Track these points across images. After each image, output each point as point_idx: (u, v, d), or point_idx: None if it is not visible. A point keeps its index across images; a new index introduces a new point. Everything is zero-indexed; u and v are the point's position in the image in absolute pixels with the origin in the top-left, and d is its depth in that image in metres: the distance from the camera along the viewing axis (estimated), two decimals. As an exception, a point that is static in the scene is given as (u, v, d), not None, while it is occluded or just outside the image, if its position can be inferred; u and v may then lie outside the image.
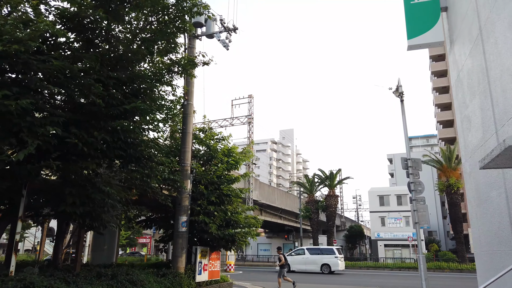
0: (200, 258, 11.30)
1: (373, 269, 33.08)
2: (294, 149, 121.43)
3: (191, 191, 11.43)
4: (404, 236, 49.73)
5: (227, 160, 12.25)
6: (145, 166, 8.58)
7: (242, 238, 11.69)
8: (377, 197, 55.03)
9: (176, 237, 10.90)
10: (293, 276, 20.64)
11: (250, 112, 43.69)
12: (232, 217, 11.43)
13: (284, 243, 63.54)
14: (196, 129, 12.97)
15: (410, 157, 10.62)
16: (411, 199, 10.27)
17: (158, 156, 10.05)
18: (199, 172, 11.71)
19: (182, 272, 10.57)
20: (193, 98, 11.95)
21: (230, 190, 11.65)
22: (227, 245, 11.55)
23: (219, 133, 13.19)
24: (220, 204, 11.71)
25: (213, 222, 10.87)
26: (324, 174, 40.23)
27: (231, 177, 12.14)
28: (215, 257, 12.34)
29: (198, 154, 12.66)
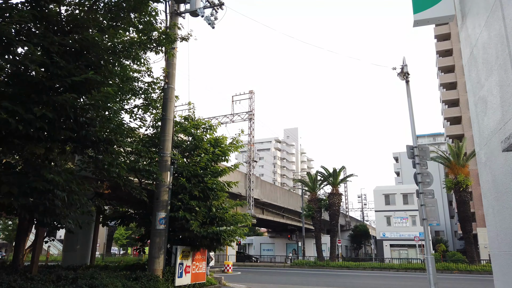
0: (181, 259, 10.11)
1: (378, 270, 31.74)
2: (298, 148, 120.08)
3: (171, 185, 10.24)
4: (410, 236, 48.35)
5: (213, 150, 11.06)
6: (105, 152, 7.41)
7: (229, 237, 10.48)
8: (382, 196, 53.65)
9: (153, 235, 9.73)
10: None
11: (251, 108, 42.48)
12: (217, 214, 10.23)
13: (287, 243, 62.35)
14: (181, 117, 11.79)
15: (416, 145, 9.35)
16: (418, 192, 9.00)
17: (125, 142, 8.89)
18: (181, 164, 10.53)
19: (159, 275, 9.40)
20: (174, 81, 10.76)
21: (215, 184, 10.44)
22: (212, 244, 10.34)
23: (207, 121, 12.00)
24: (204, 199, 10.52)
25: (195, 219, 9.68)
26: (327, 172, 38.87)
27: (217, 169, 10.93)
28: (200, 258, 11.14)
29: (181, 144, 11.47)
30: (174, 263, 9.86)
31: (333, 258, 36.82)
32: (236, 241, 10.94)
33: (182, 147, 11.41)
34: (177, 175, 10.42)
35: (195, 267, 10.78)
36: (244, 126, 52.80)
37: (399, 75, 10.35)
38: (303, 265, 34.26)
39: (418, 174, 9.11)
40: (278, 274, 26.34)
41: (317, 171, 40.34)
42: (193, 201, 9.94)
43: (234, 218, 10.74)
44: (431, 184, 9.13)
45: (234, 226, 10.33)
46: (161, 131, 10.42)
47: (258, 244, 66.48)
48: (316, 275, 25.96)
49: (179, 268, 9.90)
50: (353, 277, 24.00)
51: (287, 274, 26.25)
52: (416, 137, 40.95)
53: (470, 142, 47.66)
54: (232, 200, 11.35)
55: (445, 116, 58.97)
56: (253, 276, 24.56)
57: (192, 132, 11.38)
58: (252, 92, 43.11)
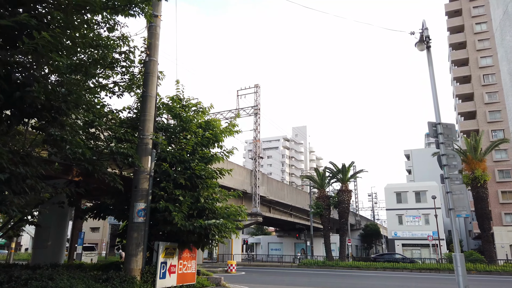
0: (165, 257, 8.73)
1: (391, 270, 30.07)
2: (307, 146, 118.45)
3: (153, 171, 8.87)
4: (423, 235, 46.60)
5: (203, 133, 9.66)
6: (54, 123, 6.04)
7: (220, 232, 9.08)
8: (394, 194, 51.88)
9: (130, 229, 8.37)
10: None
11: (256, 102, 40.99)
12: (206, 205, 8.82)
13: (295, 242, 60.77)
14: (169, 98, 10.40)
15: (440, 121, 7.82)
16: (443, 178, 7.48)
17: (100, 122, 7.56)
18: (165, 148, 9.15)
19: (137, 276, 8.04)
20: (157, 53, 9.39)
21: (204, 171, 9.04)
22: (200, 240, 8.93)
23: (198, 103, 10.60)
24: (192, 188, 9.13)
25: (179, 211, 8.29)
26: (336, 168, 37.22)
27: (207, 154, 9.53)
28: (188, 256, 9.75)
29: (166, 128, 10.09)
30: (156, 262, 8.49)
31: (342, 257, 35.22)
32: (229, 237, 9.50)
33: (167, 131, 10.04)
34: (160, 161, 9.04)
35: (182, 267, 9.39)
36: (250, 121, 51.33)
37: (418, 45, 8.82)
38: (311, 265, 32.75)
39: (443, 155, 7.59)
40: (284, 274, 24.89)
41: (326, 167, 38.74)
42: (178, 190, 8.54)
43: (227, 211, 9.32)
44: (458, 168, 7.61)
45: (225, 220, 8.89)
46: (141, 109, 9.05)
47: (266, 244, 65.03)
48: (324, 275, 24.44)
49: (161, 268, 8.52)
50: (364, 278, 22.43)
51: (294, 274, 24.79)
52: (427, 134, 39.49)
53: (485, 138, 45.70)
54: (225, 190, 9.91)
55: (459, 111, 56.96)
56: (257, 276, 23.15)
57: (179, 114, 9.99)
58: (258, 86, 41.65)
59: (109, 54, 7.58)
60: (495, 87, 54.27)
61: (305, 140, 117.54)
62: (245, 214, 9.65)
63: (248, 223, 38.78)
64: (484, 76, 55.52)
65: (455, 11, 60.72)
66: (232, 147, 10.43)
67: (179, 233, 8.55)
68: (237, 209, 9.46)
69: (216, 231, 8.91)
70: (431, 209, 46.06)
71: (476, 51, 56.70)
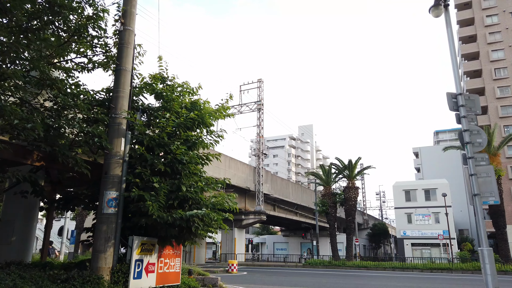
0: (140, 254, 7.57)
1: (400, 270, 28.69)
2: (313, 145, 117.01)
3: (128, 156, 7.72)
4: (433, 234, 45.09)
5: (187, 114, 8.49)
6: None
7: (205, 225, 7.89)
8: (402, 192, 50.36)
9: (99, 222, 7.24)
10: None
11: (259, 98, 39.84)
12: (189, 194, 7.63)
13: (301, 242, 59.50)
14: (151, 77, 9.25)
15: (461, 91, 6.55)
16: (466, 158, 6.23)
17: (66, 100, 6.44)
18: (143, 130, 7.99)
19: (105, 275, 6.90)
20: (134, 22, 8.24)
21: (186, 155, 7.86)
22: (181, 234, 7.74)
23: (184, 83, 9.44)
24: (173, 175, 7.96)
25: (155, 200, 7.13)
26: (342, 164, 35.81)
27: (191, 137, 8.36)
28: (171, 254, 8.58)
29: (146, 108, 8.93)
30: (130, 259, 7.33)
31: (349, 257, 33.85)
32: (215, 232, 8.29)
33: (147, 112, 8.88)
34: (138, 144, 7.88)
35: (163, 265, 8.22)
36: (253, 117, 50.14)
37: (432, 9, 7.58)
38: (316, 265, 31.46)
39: (465, 131, 6.33)
40: (288, 275, 23.66)
41: (331, 163, 37.36)
42: (155, 177, 7.38)
43: (214, 201, 8.13)
44: (483, 146, 6.36)
45: (212, 211, 7.67)
46: (114, 85, 7.91)
47: (272, 243, 63.85)
48: (329, 275, 23.18)
49: (136, 266, 7.35)
50: (372, 278, 21.13)
51: (298, 275, 23.55)
52: (436, 132, 37.83)
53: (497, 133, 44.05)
54: (212, 177, 8.71)
55: (470, 106, 55.22)
56: (259, 276, 21.95)
57: (161, 93, 8.82)
58: (261, 81, 40.48)
59: (67, 15, 6.44)
60: (507, 81, 52.58)
61: (311, 139, 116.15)
62: (234, 204, 8.45)
63: (251, 222, 37.62)
64: (495, 70, 53.80)
65: (465, 3, 59.01)
66: (220, 129, 9.24)
67: (156, 226, 7.39)
68: (224, 197, 8.26)
69: (200, 224, 7.72)
70: (441, 207, 44.52)
71: (487, 45, 55.03)
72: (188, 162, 7.80)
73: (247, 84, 40.90)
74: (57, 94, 6.96)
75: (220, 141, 9.35)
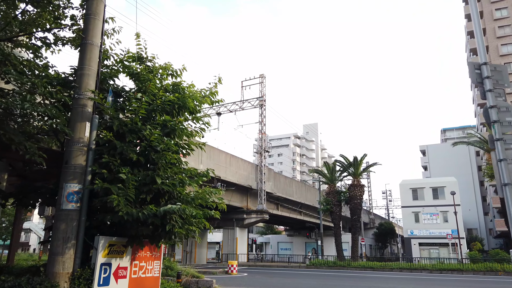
0: (108, 256, 6.50)
1: (408, 271, 27.47)
2: (318, 144, 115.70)
3: (94, 143, 6.67)
4: (441, 234, 43.73)
5: (164, 96, 7.41)
6: None
7: (184, 224, 6.81)
8: (409, 190, 48.99)
9: (57, 219, 6.19)
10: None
11: (262, 93, 38.71)
12: (165, 187, 6.56)
13: (306, 242, 58.30)
14: (127, 56, 8.18)
15: (486, 61, 5.42)
16: (492, 140, 5.12)
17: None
18: (110, 112, 6.92)
19: (63, 282, 5.84)
20: (104, -9, 7.20)
21: (163, 143, 6.78)
22: (156, 234, 6.66)
23: (167, 64, 8.36)
24: (146, 165, 6.90)
25: (123, 194, 6.07)
26: (347, 161, 34.58)
27: (169, 122, 7.28)
28: (148, 256, 7.50)
29: (120, 90, 7.85)
30: (94, 263, 6.28)
31: (355, 257, 32.63)
32: (197, 231, 7.18)
33: (120, 95, 7.79)
34: (107, 130, 6.81)
35: (138, 270, 7.15)
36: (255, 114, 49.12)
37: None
38: (320, 266, 30.29)
39: (491, 108, 5.19)
40: (290, 276, 22.58)
41: (336, 160, 36.16)
42: (125, 168, 6.31)
43: (195, 196, 7.04)
44: (515, 126, 5.23)
45: (189, 206, 6.54)
46: (79, 61, 6.85)
47: (276, 243, 62.68)
48: (334, 276, 22.05)
49: (101, 271, 6.30)
50: (378, 280, 19.95)
51: (301, 276, 22.44)
52: (444, 130, 36.42)
53: (508, 129, 42.58)
54: (194, 168, 7.61)
55: (478, 102, 53.78)
56: (260, 278, 20.87)
57: (137, 73, 7.74)
58: (263, 76, 39.36)
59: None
60: (517, 76, 51.12)
61: (316, 137, 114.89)
62: (220, 200, 7.36)
63: (253, 221, 36.53)
64: (505, 65, 52.33)
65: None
66: (203, 114, 8.15)
67: (126, 224, 6.32)
68: (208, 191, 7.16)
69: (179, 222, 6.64)
70: (449, 206, 43.15)
71: (496, 38, 53.53)
72: (164, 150, 6.71)
73: (249, 80, 39.80)
74: (8, 70, 5.93)
75: (207, 129, 8.25)
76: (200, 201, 7.01)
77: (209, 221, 7.62)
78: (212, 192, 7.27)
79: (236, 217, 36.07)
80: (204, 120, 8.29)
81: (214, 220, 38.51)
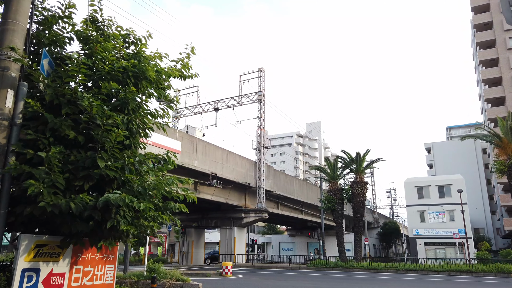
0: (34, 260, 5.10)
1: (414, 272, 25.99)
2: (321, 142, 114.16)
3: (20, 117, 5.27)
4: (448, 233, 42.18)
5: (113, 60, 6.00)
6: None
7: (136, 219, 5.40)
8: (414, 188, 47.45)
9: (-36, 211, 4.83)
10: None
11: (260, 88, 37.26)
12: (111, 172, 5.16)
13: (308, 242, 56.84)
14: (82, 22, 6.76)
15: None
16: None
17: None
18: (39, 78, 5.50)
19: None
20: None
21: (104, 116, 5.35)
22: (96, 232, 5.26)
23: (127, 30, 6.95)
24: (87, 144, 5.50)
25: (49, 180, 4.67)
26: (350, 157, 33.05)
27: (118, 91, 5.87)
28: (97, 258, 6.09)
29: (64, 56, 6.44)
30: (14, 269, 4.90)
31: (358, 258, 31.13)
32: (151, 230, 5.75)
33: (65, 63, 6.35)
34: (37, 101, 5.39)
35: (81, 276, 5.75)
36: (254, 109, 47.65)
37: None
38: (322, 266, 28.86)
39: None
40: (289, 278, 21.18)
41: (338, 156, 34.66)
42: (57, 147, 4.91)
43: (148, 185, 5.62)
44: None
45: (129, 195, 5.05)
46: (2, 14, 5.47)
47: (277, 243, 61.24)
48: (335, 278, 20.62)
49: (24, 279, 4.90)
50: (383, 282, 18.49)
51: (300, 278, 21.04)
52: (449, 128, 34.66)
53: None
54: (152, 153, 6.17)
55: (486, 97, 52.11)
56: (255, 280, 19.49)
57: (87, 35, 6.33)
58: (262, 70, 37.91)
59: None
60: (525, 69, 49.41)
61: (319, 136, 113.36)
62: (186, 191, 5.94)
63: (252, 220, 35.12)
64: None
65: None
66: (167, 85, 6.72)
67: (54, 219, 4.93)
68: (166, 180, 5.74)
69: (128, 217, 5.23)
70: (456, 205, 41.56)
71: (504, 32, 51.85)
72: (107, 125, 5.30)
73: (248, 74, 38.36)
74: None
75: (175, 107, 6.83)
76: (155, 192, 5.58)
77: (207, 220, 6.21)
78: (174, 181, 5.84)
79: (234, 216, 34.68)
80: (168, 95, 6.86)
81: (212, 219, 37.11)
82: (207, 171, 28.83)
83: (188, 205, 6.43)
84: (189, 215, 36.19)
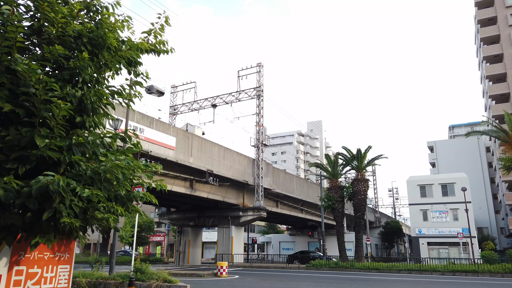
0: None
1: (417, 273, 25.01)
2: (323, 141, 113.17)
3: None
4: (451, 233, 41.20)
5: (65, 23, 5.06)
6: None
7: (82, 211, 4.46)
8: (417, 187, 46.43)
9: None
10: None
11: (259, 83, 36.34)
12: (52, 153, 4.23)
13: (309, 241, 55.92)
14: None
15: None
16: None
17: None
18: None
19: None
20: None
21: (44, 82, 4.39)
22: (34, 225, 4.33)
23: None
24: (26, 119, 4.56)
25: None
26: (350, 153, 32.07)
27: (66, 58, 4.93)
28: (47, 258, 5.17)
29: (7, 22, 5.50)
30: None
31: (359, 258, 30.14)
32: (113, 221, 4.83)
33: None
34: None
35: (24, 279, 4.81)
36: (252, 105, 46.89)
37: None
38: (321, 267, 27.88)
39: None
40: (286, 278, 20.25)
41: (338, 153, 33.67)
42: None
43: (106, 168, 4.68)
44: None
45: (70, 179, 4.09)
46: None
47: (277, 243, 60.32)
48: (335, 279, 19.66)
49: None
50: (385, 283, 17.53)
51: (298, 279, 20.10)
52: (452, 127, 33.27)
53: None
54: (111, 131, 5.23)
55: (490, 94, 51.02)
56: (251, 281, 18.55)
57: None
58: (261, 65, 36.98)
59: None
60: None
61: (321, 135, 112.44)
62: (150, 177, 5.01)
63: (250, 219, 34.16)
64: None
65: (484, -18, 54.70)
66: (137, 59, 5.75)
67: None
68: (123, 164, 4.78)
69: (75, 207, 4.30)
70: (460, 203, 40.52)
71: (508, 27, 50.75)
72: (43, 96, 4.35)
73: (246, 69, 37.43)
74: None
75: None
76: (109, 176, 4.62)
77: (205, 219, 5.25)
78: (136, 165, 4.89)
79: (232, 214, 33.72)
80: (138, 71, 5.90)
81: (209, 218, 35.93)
82: (203, 168, 27.91)
83: (184, 203, 5.46)
84: (185, 213, 35.28)
